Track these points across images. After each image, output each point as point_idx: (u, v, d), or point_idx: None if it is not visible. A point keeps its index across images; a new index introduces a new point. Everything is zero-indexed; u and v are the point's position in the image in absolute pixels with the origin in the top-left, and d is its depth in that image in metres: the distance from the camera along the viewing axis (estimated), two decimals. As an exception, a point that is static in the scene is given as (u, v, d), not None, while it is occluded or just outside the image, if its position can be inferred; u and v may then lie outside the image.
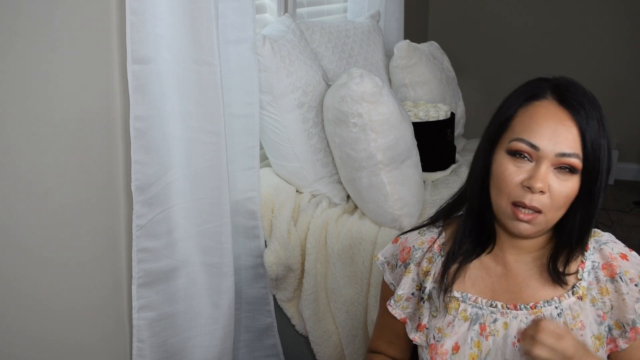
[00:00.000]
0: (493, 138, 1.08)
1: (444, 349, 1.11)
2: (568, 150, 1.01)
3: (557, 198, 1.02)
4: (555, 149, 1.01)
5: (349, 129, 1.76)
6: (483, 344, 1.09)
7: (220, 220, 1.63)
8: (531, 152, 1.02)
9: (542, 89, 1.05)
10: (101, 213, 1.50)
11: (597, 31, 3.79)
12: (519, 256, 1.13)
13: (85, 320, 1.50)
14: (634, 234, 3.10)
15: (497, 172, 1.05)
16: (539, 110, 1.03)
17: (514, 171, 1.03)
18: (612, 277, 1.09)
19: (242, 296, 1.87)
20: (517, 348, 1.07)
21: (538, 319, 1.03)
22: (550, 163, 1.02)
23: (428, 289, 1.15)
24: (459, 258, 1.13)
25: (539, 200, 1.02)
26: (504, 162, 1.04)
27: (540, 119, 1.03)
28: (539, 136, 1.02)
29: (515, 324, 1.09)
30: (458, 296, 1.13)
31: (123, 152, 1.52)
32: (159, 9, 1.45)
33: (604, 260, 1.11)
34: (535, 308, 1.09)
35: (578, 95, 1.03)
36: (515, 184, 1.03)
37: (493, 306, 1.11)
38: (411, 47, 2.54)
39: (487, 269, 1.14)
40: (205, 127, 1.56)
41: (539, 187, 1.00)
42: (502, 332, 1.09)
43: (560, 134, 1.01)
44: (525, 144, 1.02)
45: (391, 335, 1.25)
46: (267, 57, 1.79)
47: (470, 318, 1.11)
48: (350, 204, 1.99)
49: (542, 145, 1.01)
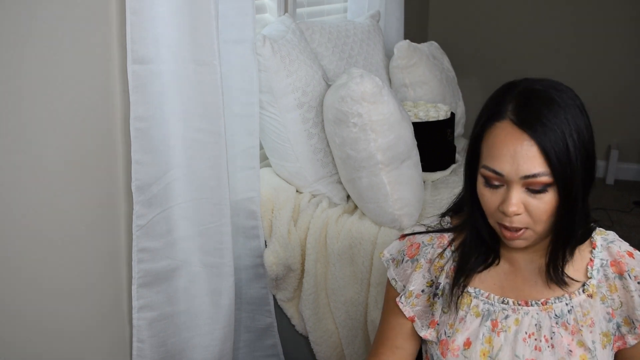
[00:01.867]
0: (470, 160, 1.09)
1: (455, 344, 1.11)
2: (532, 171, 0.99)
3: (537, 214, 1.02)
4: (518, 172, 0.99)
5: (349, 129, 1.76)
6: (494, 339, 1.10)
7: (220, 220, 1.63)
8: (498, 179, 1.02)
9: (503, 107, 1.02)
10: (101, 213, 1.50)
11: (597, 31, 3.79)
12: (527, 255, 1.14)
13: (85, 320, 1.50)
14: (634, 234, 3.10)
15: (479, 195, 1.07)
16: (499, 134, 1.02)
17: (490, 197, 1.04)
18: (621, 275, 1.10)
19: (242, 296, 1.87)
20: (527, 344, 1.08)
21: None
22: (518, 185, 1.01)
23: (442, 285, 1.16)
24: (466, 272, 1.14)
25: (519, 220, 1.02)
26: (481, 188, 1.06)
27: (499, 144, 1.01)
28: (501, 162, 1.01)
29: (527, 320, 1.10)
30: (471, 291, 1.14)
31: (123, 152, 1.52)
32: (159, 9, 1.45)
33: (612, 257, 1.12)
34: (547, 304, 1.10)
35: (536, 108, 1.00)
36: (494, 208, 1.04)
37: (505, 303, 1.12)
38: (411, 47, 2.54)
39: (496, 267, 1.15)
40: (205, 127, 1.56)
41: (512, 211, 1.01)
42: (514, 328, 1.10)
43: (520, 157, 0.99)
44: (490, 172, 1.03)
45: (397, 339, 1.22)
46: (267, 57, 1.79)
47: (482, 314, 1.12)
48: (350, 204, 1.99)
49: (505, 171, 1.00)
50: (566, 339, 1.08)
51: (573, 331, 1.08)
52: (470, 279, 1.14)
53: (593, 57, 3.81)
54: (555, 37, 3.86)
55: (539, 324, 1.09)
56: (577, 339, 1.08)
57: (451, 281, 1.15)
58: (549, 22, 3.86)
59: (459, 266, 1.15)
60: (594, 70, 3.79)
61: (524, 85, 1.04)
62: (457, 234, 1.19)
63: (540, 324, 1.09)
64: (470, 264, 1.14)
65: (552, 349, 1.08)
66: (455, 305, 1.13)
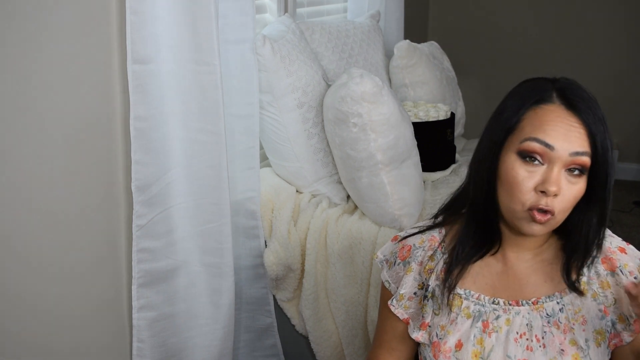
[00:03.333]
0: (499, 141, 1.07)
1: (447, 346, 1.11)
2: (581, 149, 1.02)
3: (567, 200, 1.03)
4: (569, 147, 1.01)
5: (349, 129, 1.76)
6: (486, 340, 1.10)
7: (220, 220, 1.63)
8: (544, 153, 1.02)
9: (548, 93, 1.06)
10: (101, 213, 1.50)
11: (597, 31, 3.79)
12: (520, 253, 1.14)
13: (85, 320, 1.50)
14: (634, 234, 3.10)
15: (509, 177, 1.05)
16: (548, 114, 1.04)
17: (527, 177, 1.03)
18: (613, 271, 1.10)
19: (242, 296, 1.87)
20: (518, 344, 1.08)
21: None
22: (562, 164, 1.02)
23: (432, 287, 1.15)
24: (462, 261, 1.13)
25: (553, 203, 1.02)
26: (516, 167, 1.04)
27: (551, 121, 1.03)
28: (553, 136, 1.02)
29: (518, 320, 1.10)
30: (461, 293, 1.13)
31: (123, 152, 1.52)
32: (159, 9, 1.45)
33: (603, 254, 1.12)
34: (537, 303, 1.10)
35: (583, 98, 1.04)
36: (529, 189, 1.03)
37: (495, 303, 1.11)
38: (411, 47, 2.54)
39: (488, 266, 1.15)
40: (205, 127, 1.56)
41: (554, 190, 1.01)
42: (505, 328, 1.10)
43: (572, 135, 1.02)
44: (539, 144, 1.02)
45: (392, 341, 1.23)
46: (267, 57, 1.79)
47: (473, 315, 1.12)
48: (350, 204, 1.99)
49: (557, 145, 1.02)
50: (558, 338, 1.08)
51: (565, 330, 1.08)
52: (464, 272, 1.13)
53: (593, 57, 3.82)
54: (555, 37, 3.86)
55: (530, 323, 1.09)
56: (569, 337, 1.08)
57: (444, 276, 1.14)
58: (549, 22, 3.86)
59: (453, 256, 1.14)
60: (594, 70, 3.79)
61: (564, 78, 1.08)
62: (449, 232, 1.19)
63: (532, 323, 1.09)
64: (465, 252, 1.13)
65: (544, 348, 1.08)
66: (447, 301, 1.13)
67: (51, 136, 1.34)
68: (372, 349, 1.28)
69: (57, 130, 1.35)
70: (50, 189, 1.36)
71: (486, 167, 1.09)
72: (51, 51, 1.31)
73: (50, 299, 1.40)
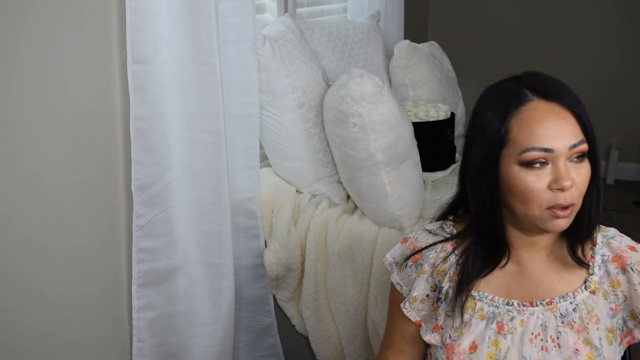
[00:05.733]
0: (492, 156, 1.07)
1: (461, 348, 1.10)
2: (576, 139, 1.02)
3: (581, 186, 1.04)
4: (567, 142, 1.02)
5: (349, 129, 1.76)
6: (501, 342, 1.09)
7: (220, 220, 1.63)
8: (546, 156, 1.03)
9: (521, 92, 1.06)
10: (101, 213, 1.50)
11: (597, 31, 3.79)
12: (534, 253, 1.14)
13: (85, 320, 1.50)
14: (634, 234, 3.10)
15: (519, 187, 1.05)
16: (533, 115, 1.03)
17: (537, 180, 1.03)
18: (624, 269, 1.11)
19: (242, 296, 1.87)
20: (533, 345, 1.08)
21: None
22: (565, 158, 1.03)
23: (445, 289, 1.15)
24: (473, 277, 1.13)
25: (571, 195, 1.03)
26: (522, 176, 1.04)
27: (539, 122, 1.03)
28: (548, 137, 1.02)
29: (532, 320, 1.10)
30: (475, 295, 1.13)
31: (123, 152, 1.52)
32: (159, 9, 1.45)
33: (613, 253, 1.12)
34: (551, 304, 1.10)
35: (552, 84, 1.05)
36: (543, 190, 1.03)
37: (509, 304, 1.11)
38: (411, 47, 2.54)
39: (502, 268, 1.14)
40: (205, 127, 1.56)
41: (569, 185, 1.02)
42: (520, 329, 1.09)
43: (563, 128, 1.02)
44: (538, 151, 1.02)
45: (401, 343, 1.22)
46: (267, 57, 1.79)
47: (487, 317, 1.11)
48: (350, 204, 1.99)
49: (555, 145, 1.02)
50: (572, 338, 1.08)
51: (579, 330, 1.08)
52: (474, 285, 1.13)
53: (593, 57, 3.81)
54: (555, 37, 3.86)
55: (545, 324, 1.09)
56: (583, 337, 1.08)
57: (455, 287, 1.14)
58: (549, 22, 3.86)
59: (464, 273, 1.13)
60: (594, 70, 3.79)
61: (525, 72, 1.08)
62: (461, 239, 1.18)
63: (546, 324, 1.09)
64: (475, 269, 1.13)
65: (559, 348, 1.08)
66: (461, 311, 1.12)
67: (51, 136, 1.34)
68: (381, 350, 1.26)
69: (57, 130, 1.35)
70: (50, 189, 1.36)
71: (483, 183, 1.08)
72: (51, 51, 1.31)
73: (51, 299, 1.40)
